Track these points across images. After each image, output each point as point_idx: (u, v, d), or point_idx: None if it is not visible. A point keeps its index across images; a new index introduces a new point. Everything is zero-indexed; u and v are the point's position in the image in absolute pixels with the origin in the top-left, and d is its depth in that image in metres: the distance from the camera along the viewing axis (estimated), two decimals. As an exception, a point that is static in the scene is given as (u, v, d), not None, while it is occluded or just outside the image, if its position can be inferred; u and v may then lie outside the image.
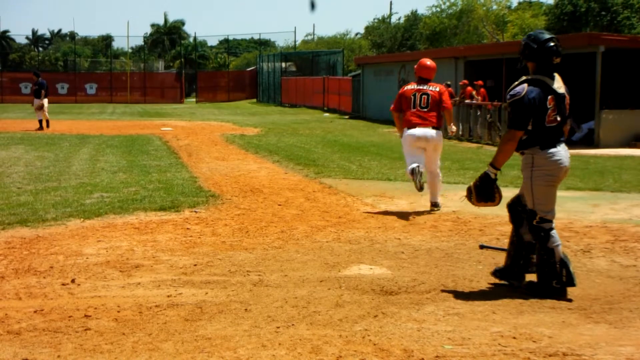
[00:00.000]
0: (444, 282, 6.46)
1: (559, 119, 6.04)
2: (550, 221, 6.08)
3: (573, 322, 5.36)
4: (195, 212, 9.96)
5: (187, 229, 8.87)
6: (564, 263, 6.01)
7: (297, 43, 72.60)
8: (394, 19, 64.99)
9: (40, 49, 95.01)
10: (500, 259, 7.30)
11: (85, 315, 5.50)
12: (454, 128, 11.18)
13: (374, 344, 4.88)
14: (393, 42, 58.29)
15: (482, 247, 7.84)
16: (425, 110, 10.16)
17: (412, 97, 10.25)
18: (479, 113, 22.97)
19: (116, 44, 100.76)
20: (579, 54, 22.80)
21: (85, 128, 27.66)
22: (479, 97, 23.84)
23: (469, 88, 24.13)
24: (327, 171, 14.46)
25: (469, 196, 6.38)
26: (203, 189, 11.87)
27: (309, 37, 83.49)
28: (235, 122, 32.07)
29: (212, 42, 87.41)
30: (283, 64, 55.93)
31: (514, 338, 4.99)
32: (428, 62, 10.48)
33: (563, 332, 5.13)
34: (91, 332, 5.15)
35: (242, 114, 40.55)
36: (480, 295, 6.07)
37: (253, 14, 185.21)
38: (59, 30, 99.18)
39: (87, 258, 7.36)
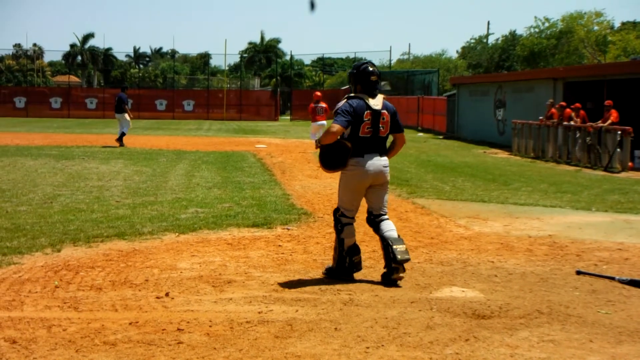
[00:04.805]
0: (538, 307, 6.30)
1: (372, 131, 7.10)
2: (349, 217, 7.33)
3: (675, 355, 5.15)
4: (288, 229, 10.02)
5: (279, 246, 8.93)
6: (350, 252, 7.25)
7: (392, 62, 72.56)
8: (491, 39, 64.32)
9: (141, 65, 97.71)
10: (598, 286, 7.11)
11: (178, 329, 5.58)
12: None
13: (466, 369, 4.81)
14: (490, 62, 57.62)
15: (579, 272, 7.65)
16: None
17: None
18: (577, 135, 22.44)
19: (214, 62, 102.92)
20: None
21: (181, 144, 28.25)
22: (578, 120, 23.30)
23: (568, 110, 23.62)
24: (420, 191, 14.35)
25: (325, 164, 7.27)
26: (295, 207, 11.94)
27: (404, 56, 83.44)
28: (328, 141, 32.17)
29: (307, 60, 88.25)
30: (377, 83, 55.83)
31: (612, 369, 4.83)
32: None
33: (664, 365, 4.93)
34: (183, 345, 5.22)
35: (335, 133, 40.63)
36: (577, 322, 5.89)
37: (349, 32, 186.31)
38: (160, 48, 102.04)
39: (181, 272, 7.48)
